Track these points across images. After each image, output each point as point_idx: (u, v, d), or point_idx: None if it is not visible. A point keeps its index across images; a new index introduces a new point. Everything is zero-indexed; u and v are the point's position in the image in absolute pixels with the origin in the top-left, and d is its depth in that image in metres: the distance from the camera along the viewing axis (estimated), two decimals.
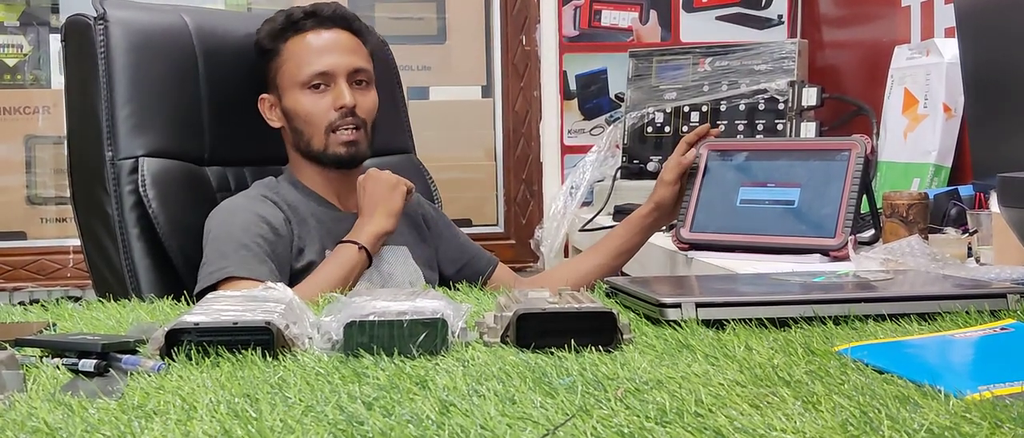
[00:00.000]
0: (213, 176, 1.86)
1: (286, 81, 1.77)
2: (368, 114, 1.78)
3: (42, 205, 2.99)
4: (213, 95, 1.85)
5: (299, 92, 1.76)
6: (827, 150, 1.63)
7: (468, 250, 1.93)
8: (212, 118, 1.85)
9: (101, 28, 1.77)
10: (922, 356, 0.89)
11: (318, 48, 1.76)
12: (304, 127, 1.77)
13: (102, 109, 1.76)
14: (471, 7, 3.11)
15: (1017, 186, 1.16)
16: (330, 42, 1.77)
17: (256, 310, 0.95)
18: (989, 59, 1.69)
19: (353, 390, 0.78)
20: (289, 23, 1.78)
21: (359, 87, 1.77)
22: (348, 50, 1.78)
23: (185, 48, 1.84)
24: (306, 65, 1.75)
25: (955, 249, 1.49)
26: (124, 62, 1.77)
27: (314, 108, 1.75)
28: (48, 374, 0.86)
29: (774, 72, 2.45)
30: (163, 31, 1.83)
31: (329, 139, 1.75)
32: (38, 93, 3.02)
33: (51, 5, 3.04)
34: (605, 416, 0.70)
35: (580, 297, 1.00)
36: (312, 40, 1.77)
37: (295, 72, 1.76)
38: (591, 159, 2.75)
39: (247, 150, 1.90)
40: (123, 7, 1.82)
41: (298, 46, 1.77)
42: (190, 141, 1.83)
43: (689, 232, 1.67)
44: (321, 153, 1.77)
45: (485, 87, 3.15)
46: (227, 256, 1.64)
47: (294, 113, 1.77)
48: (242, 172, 1.90)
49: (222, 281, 1.62)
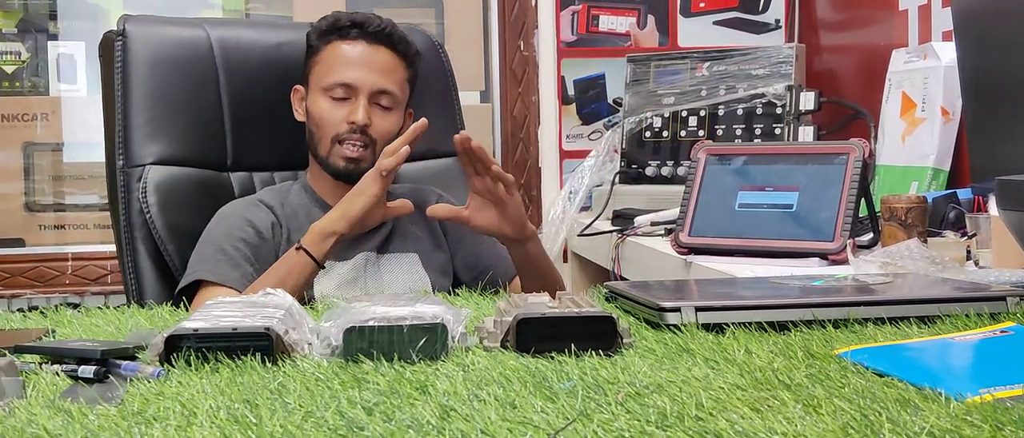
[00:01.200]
0: (236, 182, 1.92)
1: (314, 81, 1.81)
2: (381, 136, 1.77)
3: (40, 212, 2.99)
4: (234, 103, 1.92)
5: (321, 96, 1.78)
6: (825, 154, 1.64)
7: (486, 258, 1.88)
8: (234, 125, 1.92)
9: (119, 44, 1.86)
10: (922, 359, 0.89)
11: (351, 59, 1.78)
12: (315, 130, 1.80)
13: (117, 119, 1.84)
14: (469, 12, 3.11)
15: (1016, 189, 1.16)
16: (365, 56, 1.78)
17: (255, 316, 0.95)
18: (987, 62, 1.69)
19: (353, 395, 0.78)
20: (335, 27, 1.80)
21: (380, 109, 1.78)
22: (381, 69, 1.78)
23: (205, 59, 1.91)
24: (334, 72, 1.77)
25: (954, 252, 1.49)
26: (141, 75, 1.86)
27: (328, 115, 1.77)
28: (48, 380, 0.86)
29: (772, 76, 2.46)
30: (183, 44, 1.91)
31: (333, 149, 1.77)
32: (37, 100, 3.02)
33: (49, 12, 3.05)
34: (606, 420, 0.70)
35: (580, 301, 1.00)
36: (349, 49, 1.79)
37: (322, 75, 1.79)
38: (590, 164, 2.75)
39: (272, 155, 1.96)
40: (145, 23, 1.91)
41: (334, 51, 1.79)
42: (210, 148, 1.90)
43: (688, 236, 1.67)
44: (324, 160, 1.79)
45: (483, 92, 3.15)
46: (204, 260, 1.70)
47: (311, 114, 1.81)
48: (270, 176, 1.96)
49: (197, 285, 1.68)
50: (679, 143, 2.54)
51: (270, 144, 1.94)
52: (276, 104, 1.90)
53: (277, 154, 1.95)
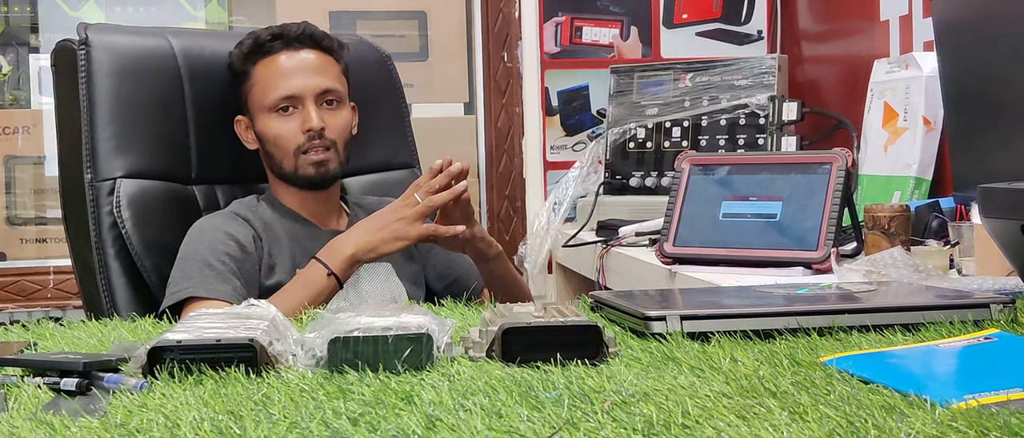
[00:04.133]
0: (200, 195, 1.86)
1: (256, 105, 1.78)
2: (338, 134, 1.77)
3: (22, 226, 2.97)
4: (199, 115, 1.86)
5: (268, 116, 1.76)
6: (808, 164, 1.64)
7: (457, 267, 1.91)
8: (198, 138, 1.86)
9: (83, 53, 1.79)
10: (907, 366, 0.89)
11: (285, 71, 1.76)
12: (274, 150, 1.77)
13: (83, 131, 1.77)
14: (453, 24, 3.11)
15: (998, 197, 1.17)
16: (297, 64, 1.77)
17: (239, 327, 0.94)
18: (968, 72, 1.71)
19: (338, 406, 0.77)
20: (257, 46, 1.78)
21: (329, 107, 1.77)
22: (316, 71, 1.77)
23: (170, 70, 1.85)
24: (273, 89, 1.75)
25: (937, 261, 1.50)
26: (106, 85, 1.79)
27: (282, 131, 1.75)
28: (29, 393, 0.86)
29: (754, 87, 2.47)
30: (147, 54, 1.84)
31: (298, 161, 1.75)
32: (18, 113, 3.00)
33: (31, 25, 3.03)
34: (592, 429, 0.70)
35: (565, 311, 1.00)
36: (280, 62, 1.77)
37: (263, 96, 1.76)
38: (574, 175, 2.75)
39: (235, 168, 1.90)
40: (107, 31, 1.84)
41: (266, 69, 1.77)
42: (175, 161, 1.84)
43: (672, 246, 1.67)
44: (292, 174, 1.77)
45: (467, 104, 3.15)
46: (190, 276, 1.65)
47: (264, 137, 1.78)
48: (230, 190, 1.90)
49: (185, 301, 1.63)
50: (663, 154, 2.55)
51: (234, 157, 1.87)
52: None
53: (241, 167, 1.89)
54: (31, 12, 3.02)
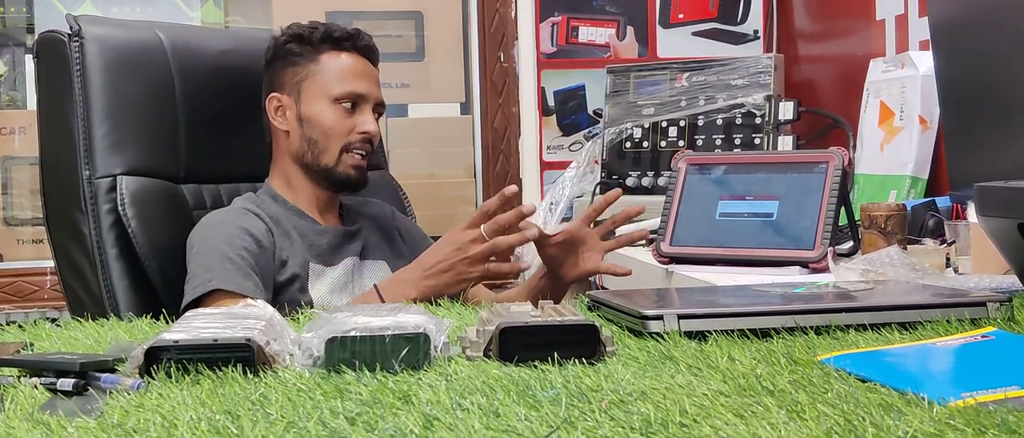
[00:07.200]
0: (189, 194, 1.83)
1: (315, 90, 1.78)
2: (375, 145, 1.83)
3: (19, 226, 2.97)
4: (189, 112, 1.83)
5: (327, 104, 1.77)
6: (805, 163, 1.64)
7: None
8: (188, 136, 1.83)
9: (76, 45, 1.74)
10: (904, 364, 0.89)
11: (358, 71, 1.80)
12: (320, 139, 1.77)
13: (78, 128, 1.73)
14: (449, 25, 3.11)
15: (994, 196, 1.17)
16: (364, 69, 1.82)
17: (236, 327, 0.94)
18: (964, 71, 1.71)
19: (335, 406, 0.77)
20: (329, 36, 1.80)
21: (375, 118, 1.82)
22: (376, 81, 1.84)
23: (161, 65, 1.81)
24: (343, 82, 1.78)
25: (933, 259, 1.50)
26: (100, 80, 1.75)
27: (337, 124, 1.77)
28: (26, 394, 0.85)
29: (751, 87, 2.47)
30: (139, 48, 1.81)
31: (342, 158, 1.77)
32: (15, 114, 3.00)
33: (26, 25, 3.03)
34: (590, 428, 0.69)
35: (562, 310, 1.00)
36: (349, 61, 1.80)
37: (329, 84, 1.77)
38: (570, 175, 2.75)
39: (223, 168, 1.88)
40: (98, 24, 1.80)
41: (336, 61, 1.79)
42: (166, 159, 1.81)
43: (669, 246, 1.67)
44: (329, 168, 1.77)
45: (464, 104, 3.15)
46: (212, 269, 1.62)
47: (315, 122, 1.77)
48: (217, 190, 1.87)
49: (208, 295, 1.60)
50: (659, 153, 2.55)
51: (223, 155, 1.86)
52: (228, 114, 1.84)
53: (229, 166, 1.87)
54: (27, 13, 3.01)
